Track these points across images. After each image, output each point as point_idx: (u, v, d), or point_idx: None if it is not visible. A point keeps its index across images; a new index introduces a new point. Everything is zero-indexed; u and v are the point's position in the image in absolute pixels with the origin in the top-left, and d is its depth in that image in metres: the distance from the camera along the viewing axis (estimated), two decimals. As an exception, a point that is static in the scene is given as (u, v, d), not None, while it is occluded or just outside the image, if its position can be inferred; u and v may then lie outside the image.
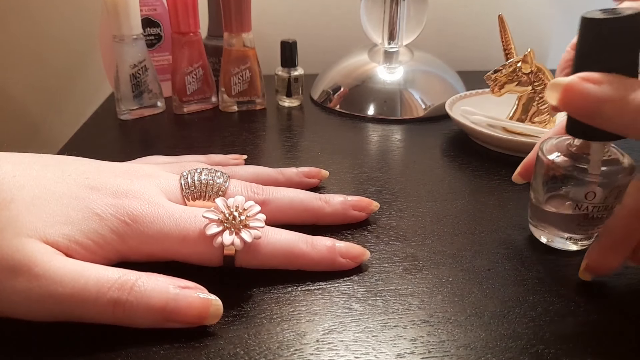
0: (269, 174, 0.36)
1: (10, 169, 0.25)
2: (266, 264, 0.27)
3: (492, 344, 0.24)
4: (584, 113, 0.24)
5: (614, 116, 0.23)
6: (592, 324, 0.25)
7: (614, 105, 0.23)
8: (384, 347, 0.23)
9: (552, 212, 0.30)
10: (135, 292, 0.23)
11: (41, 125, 0.74)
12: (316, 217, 0.32)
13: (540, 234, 0.31)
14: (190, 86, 0.54)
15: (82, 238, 0.24)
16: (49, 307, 0.22)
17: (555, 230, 0.30)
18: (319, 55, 0.72)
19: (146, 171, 0.29)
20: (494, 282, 0.28)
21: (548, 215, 0.30)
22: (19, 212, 0.23)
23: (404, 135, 0.50)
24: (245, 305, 0.26)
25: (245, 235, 0.26)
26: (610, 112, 0.23)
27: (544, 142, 0.30)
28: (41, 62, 0.71)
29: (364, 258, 0.29)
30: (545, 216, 0.30)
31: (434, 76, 0.59)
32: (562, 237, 0.30)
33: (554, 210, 0.29)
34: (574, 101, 0.24)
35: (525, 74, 0.47)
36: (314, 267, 0.28)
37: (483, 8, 0.75)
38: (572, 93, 0.23)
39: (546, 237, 0.31)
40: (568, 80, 0.24)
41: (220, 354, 0.23)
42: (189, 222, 0.26)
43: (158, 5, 0.56)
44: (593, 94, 0.23)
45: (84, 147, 0.46)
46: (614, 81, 0.23)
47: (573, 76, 0.24)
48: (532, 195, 0.31)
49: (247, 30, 0.52)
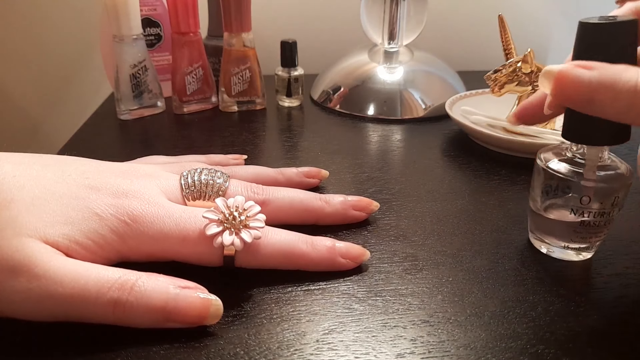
0: (269, 174, 0.36)
1: (11, 169, 0.25)
2: (266, 264, 0.27)
3: (492, 344, 0.24)
4: (578, 100, 0.23)
5: (608, 102, 0.22)
6: (592, 324, 0.25)
7: (607, 90, 0.22)
8: (384, 347, 0.23)
9: (551, 219, 0.29)
10: (135, 292, 0.23)
11: (41, 125, 0.74)
12: (316, 217, 0.32)
13: (540, 245, 0.31)
14: (190, 86, 0.54)
15: (82, 238, 0.24)
16: (48, 307, 0.22)
17: (554, 240, 0.30)
18: (319, 55, 0.72)
19: (146, 171, 0.29)
20: (494, 282, 0.28)
21: (547, 222, 0.30)
22: (19, 212, 0.23)
23: (404, 135, 0.50)
24: (245, 305, 0.26)
25: (245, 236, 0.26)
26: (604, 97, 0.22)
27: (542, 150, 0.30)
28: (41, 62, 0.71)
29: (364, 258, 0.29)
30: (545, 224, 0.30)
31: (434, 76, 0.59)
32: (560, 245, 0.30)
33: (552, 218, 0.29)
34: (567, 88, 0.23)
35: (525, 74, 0.47)
36: (314, 268, 0.28)
37: (483, 8, 0.75)
38: (565, 80, 0.23)
39: (546, 248, 0.30)
40: (560, 67, 0.23)
41: (220, 354, 0.23)
42: (189, 222, 0.26)
43: (158, 5, 0.56)
44: (587, 79, 0.22)
45: (84, 147, 0.47)
46: (606, 66, 0.22)
47: (566, 63, 0.23)
48: (531, 203, 0.31)
49: (247, 30, 0.52)
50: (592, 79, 0.22)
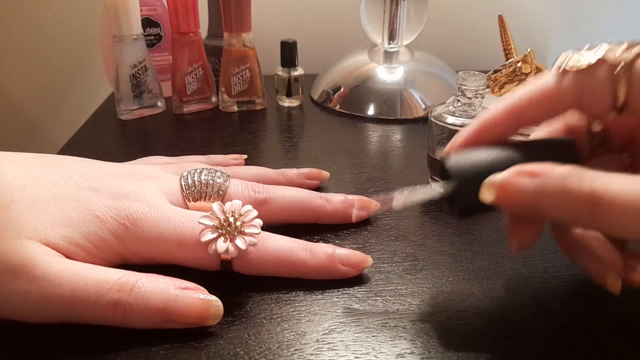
0: (270, 175, 0.36)
1: (11, 170, 0.25)
2: (263, 271, 0.27)
3: (492, 344, 0.24)
4: (524, 210, 0.22)
5: (555, 210, 0.21)
6: (593, 324, 0.25)
7: (552, 198, 0.21)
8: (384, 347, 0.23)
9: None
10: (135, 294, 0.23)
11: (41, 125, 0.74)
12: (317, 215, 0.32)
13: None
14: (190, 86, 0.54)
15: (82, 240, 0.24)
16: (48, 309, 0.22)
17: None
18: (319, 55, 0.72)
19: (147, 173, 0.29)
20: (494, 282, 0.28)
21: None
22: (19, 214, 0.23)
23: (404, 135, 0.50)
24: (245, 305, 0.26)
25: (239, 243, 0.25)
26: (549, 206, 0.21)
27: None
28: (41, 62, 0.71)
29: (366, 265, 0.28)
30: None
31: (434, 76, 0.59)
32: None
33: None
34: (511, 199, 0.22)
35: (525, 74, 0.47)
36: (313, 276, 0.28)
37: (483, 8, 0.75)
38: (508, 190, 0.22)
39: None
40: (502, 178, 0.22)
41: (220, 354, 0.23)
42: (187, 227, 0.26)
43: (158, 5, 0.56)
44: (530, 189, 0.21)
45: (84, 147, 0.47)
46: (550, 172, 0.21)
47: (508, 171, 0.22)
48: None
49: (247, 30, 0.52)
50: (536, 188, 0.21)
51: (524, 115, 0.24)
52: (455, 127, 0.36)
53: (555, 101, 0.23)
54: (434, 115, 0.38)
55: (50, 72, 0.71)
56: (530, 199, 0.21)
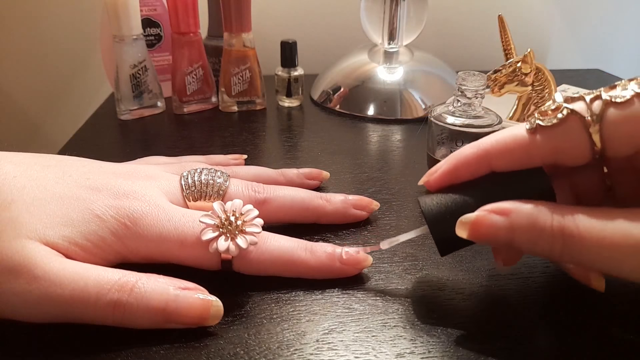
0: (270, 175, 0.36)
1: (11, 170, 0.25)
2: (264, 270, 0.27)
3: (493, 344, 0.24)
4: (498, 244, 0.23)
5: (528, 245, 0.22)
6: (593, 325, 0.25)
7: (524, 234, 0.22)
8: (384, 347, 0.23)
9: None
10: (135, 294, 0.23)
11: (41, 125, 0.74)
12: (317, 215, 0.32)
13: None
14: (190, 86, 0.54)
15: (82, 240, 0.24)
16: (48, 309, 0.22)
17: None
18: (319, 55, 0.72)
19: (147, 172, 0.29)
20: (494, 282, 0.28)
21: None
22: (19, 214, 0.23)
23: (404, 135, 0.50)
24: (245, 305, 0.26)
25: (240, 241, 0.25)
26: (522, 241, 0.22)
27: None
28: (41, 63, 0.71)
29: (366, 264, 0.28)
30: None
31: (434, 76, 0.59)
32: None
33: None
34: (484, 236, 0.23)
35: (525, 74, 0.47)
36: (313, 275, 0.28)
37: (483, 8, 0.75)
38: (481, 228, 0.22)
39: None
40: (475, 217, 0.23)
41: (220, 354, 0.23)
42: (187, 227, 0.26)
43: (158, 5, 0.56)
44: (502, 226, 0.22)
45: (84, 147, 0.47)
46: (521, 210, 0.22)
47: (479, 210, 0.23)
48: None
49: (247, 30, 0.52)
50: (507, 225, 0.22)
51: (495, 162, 0.24)
52: (455, 127, 0.36)
53: (529, 154, 0.23)
54: (434, 115, 0.38)
55: (50, 72, 0.71)
56: (502, 235, 0.22)
